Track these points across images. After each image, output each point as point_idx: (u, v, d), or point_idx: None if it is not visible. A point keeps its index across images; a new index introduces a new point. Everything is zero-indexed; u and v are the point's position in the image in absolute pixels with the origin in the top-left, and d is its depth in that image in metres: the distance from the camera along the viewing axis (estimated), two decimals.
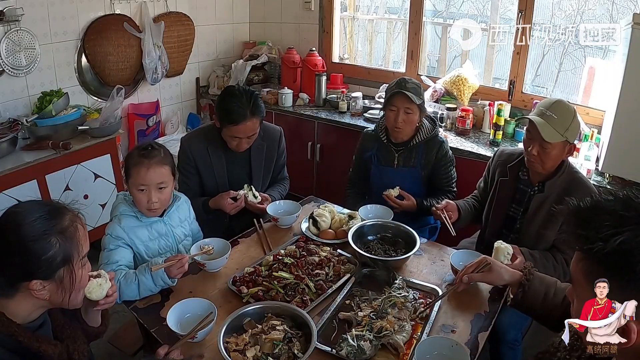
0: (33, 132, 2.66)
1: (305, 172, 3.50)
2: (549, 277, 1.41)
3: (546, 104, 1.78)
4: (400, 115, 2.12)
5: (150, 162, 1.60)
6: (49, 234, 1.04)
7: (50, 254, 1.04)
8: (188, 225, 1.85)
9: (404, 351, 1.31)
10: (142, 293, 1.52)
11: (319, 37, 3.86)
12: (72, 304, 1.14)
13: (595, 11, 3.45)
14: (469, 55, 3.45)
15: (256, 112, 1.99)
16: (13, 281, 1.04)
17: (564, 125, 1.71)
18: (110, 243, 1.60)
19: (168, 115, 3.81)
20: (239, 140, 2.03)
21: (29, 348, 1.05)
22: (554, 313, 1.31)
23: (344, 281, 1.61)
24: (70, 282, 1.08)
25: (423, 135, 2.21)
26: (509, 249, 1.65)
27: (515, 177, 1.93)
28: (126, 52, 3.22)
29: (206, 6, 3.83)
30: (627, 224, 0.83)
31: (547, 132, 1.70)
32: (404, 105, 2.10)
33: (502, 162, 1.99)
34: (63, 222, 1.08)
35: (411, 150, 2.22)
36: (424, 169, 2.23)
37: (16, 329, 1.04)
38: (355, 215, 1.96)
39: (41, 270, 1.04)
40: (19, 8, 2.65)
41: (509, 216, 1.95)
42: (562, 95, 3.48)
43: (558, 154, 1.75)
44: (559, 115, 1.72)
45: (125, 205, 1.67)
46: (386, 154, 2.27)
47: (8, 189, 2.43)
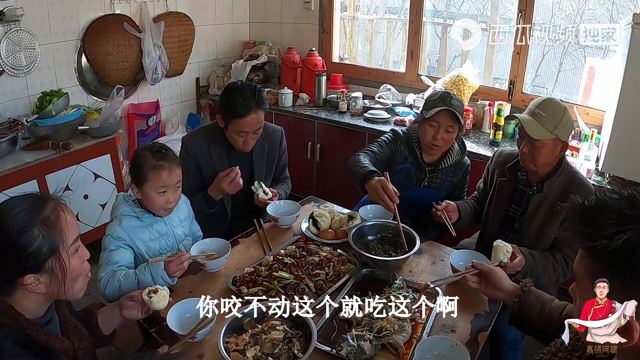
0: (33, 132, 2.66)
1: (305, 172, 3.50)
2: (546, 294, 1.40)
3: (535, 102, 1.78)
4: (440, 132, 1.99)
5: (171, 165, 1.63)
6: (31, 225, 1.02)
7: (35, 246, 1.02)
8: (188, 225, 1.85)
9: (404, 351, 1.31)
10: None
11: (319, 37, 3.86)
12: (69, 295, 1.12)
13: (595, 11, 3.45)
14: (469, 55, 3.46)
15: (261, 105, 1.99)
16: (9, 278, 1.04)
17: (553, 122, 1.71)
18: (111, 244, 1.60)
19: (168, 115, 3.81)
20: (246, 135, 2.00)
21: (36, 342, 1.04)
22: (550, 327, 1.30)
23: (344, 281, 1.61)
24: (61, 271, 1.06)
25: (452, 159, 2.12)
26: (508, 248, 1.65)
27: (514, 177, 1.93)
28: (126, 52, 3.22)
29: (206, 6, 3.83)
30: (631, 223, 0.83)
31: (533, 129, 1.71)
32: (446, 122, 1.98)
33: (500, 162, 1.99)
34: (44, 211, 1.05)
35: (439, 172, 2.14)
36: (446, 191, 2.17)
37: (24, 322, 1.03)
38: (355, 215, 1.96)
39: (30, 264, 1.02)
40: (19, 8, 2.65)
41: (508, 216, 1.95)
42: (562, 95, 3.49)
43: (549, 151, 1.74)
44: (547, 112, 1.72)
45: (126, 206, 1.67)
46: (417, 172, 2.15)
47: (8, 189, 2.42)
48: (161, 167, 1.60)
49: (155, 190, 1.61)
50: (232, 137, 2.04)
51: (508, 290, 1.44)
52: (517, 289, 1.41)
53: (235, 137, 2.02)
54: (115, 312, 1.35)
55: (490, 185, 2.04)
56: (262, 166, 2.20)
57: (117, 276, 1.51)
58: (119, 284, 1.50)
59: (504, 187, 1.94)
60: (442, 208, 1.94)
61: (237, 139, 2.02)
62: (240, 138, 2.01)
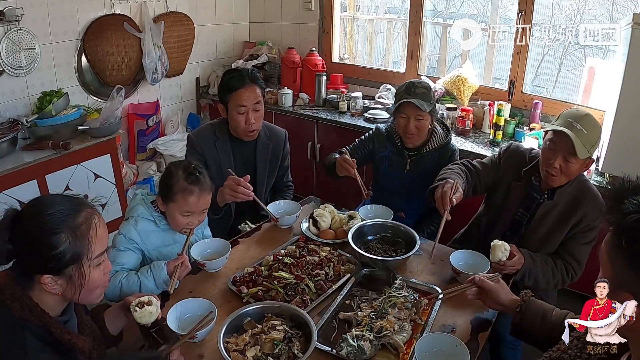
0: (33, 132, 2.66)
1: (305, 172, 3.50)
2: (547, 304, 1.39)
3: (575, 116, 1.68)
4: (411, 122, 2.07)
5: (201, 191, 1.58)
6: (61, 229, 1.03)
7: (60, 250, 1.03)
8: (201, 232, 1.84)
9: (404, 351, 1.31)
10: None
11: (319, 37, 3.87)
12: (84, 301, 1.14)
13: (595, 11, 3.45)
14: (469, 55, 3.45)
15: (255, 80, 2.05)
16: (28, 273, 1.05)
17: (591, 142, 1.64)
18: (122, 244, 1.59)
19: (168, 115, 3.81)
20: (246, 112, 2.02)
21: (59, 340, 1.06)
22: (553, 334, 1.30)
23: (344, 281, 1.61)
24: (79, 280, 1.07)
25: (436, 143, 2.17)
26: (505, 246, 1.64)
27: (527, 182, 1.86)
28: (126, 52, 3.22)
29: (206, 6, 3.83)
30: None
31: (580, 149, 1.62)
32: (414, 112, 2.06)
33: (515, 164, 1.90)
34: (77, 219, 1.06)
35: (423, 157, 2.18)
36: (433, 176, 2.19)
37: (49, 320, 1.05)
38: (355, 215, 1.96)
39: (51, 265, 1.03)
40: (19, 8, 2.65)
41: (515, 220, 1.91)
42: (562, 95, 3.48)
43: (580, 168, 1.70)
44: (589, 130, 1.64)
45: (144, 208, 1.64)
46: (398, 159, 2.22)
47: (8, 189, 2.43)
48: (191, 192, 1.56)
49: (180, 213, 1.58)
50: (234, 119, 2.05)
51: (508, 305, 1.41)
52: (518, 300, 1.39)
53: (237, 118, 2.03)
54: (121, 313, 1.36)
55: (498, 182, 1.95)
56: (265, 164, 2.21)
57: (118, 277, 1.51)
58: (120, 285, 1.50)
59: (516, 191, 1.88)
60: (448, 206, 1.71)
61: (238, 119, 2.03)
62: (242, 117, 2.03)
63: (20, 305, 1.03)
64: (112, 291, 1.49)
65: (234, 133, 2.12)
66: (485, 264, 1.63)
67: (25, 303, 1.03)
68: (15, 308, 1.03)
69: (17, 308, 1.03)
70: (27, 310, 1.03)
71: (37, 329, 1.03)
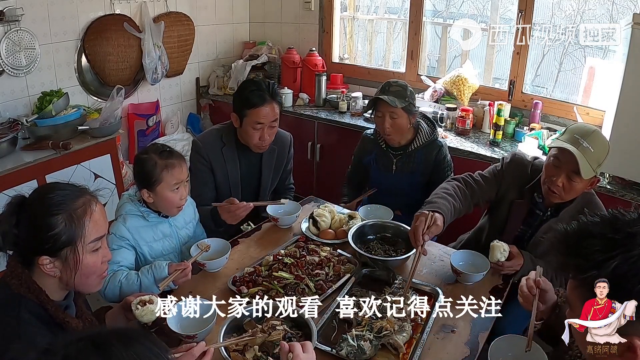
0: (33, 132, 2.66)
1: (305, 172, 3.50)
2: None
3: (582, 132, 1.59)
4: (386, 120, 2.09)
5: (180, 161, 1.67)
6: (59, 211, 1.07)
7: (56, 231, 1.07)
8: (192, 228, 1.85)
9: (404, 351, 1.31)
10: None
11: (319, 37, 3.86)
12: (81, 288, 1.17)
13: (595, 11, 3.44)
14: (469, 55, 3.45)
15: (275, 97, 2.02)
16: (27, 253, 1.09)
17: (598, 160, 1.57)
18: (114, 243, 1.60)
19: (168, 116, 3.81)
20: (262, 128, 1.99)
21: (53, 318, 1.09)
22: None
23: (344, 281, 1.61)
24: (74, 263, 1.10)
25: (422, 140, 2.17)
26: (504, 247, 1.64)
27: (530, 199, 1.80)
28: (126, 52, 3.22)
29: (206, 6, 3.83)
30: (618, 247, 0.81)
31: (585, 168, 1.53)
32: (388, 110, 2.07)
33: (517, 177, 1.82)
34: (75, 203, 1.10)
35: (410, 155, 2.19)
36: (422, 174, 2.20)
37: (45, 297, 1.08)
38: (355, 215, 1.96)
39: (47, 246, 1.07)
40: (19, 8, 2.65)
41: (516, 236, 1.86)
42: (562, 95, 3.48)
43: (584, 187, 1.63)
44: (596, 148, 1.56)
45: (131, 205, 1.66)
46: (384, 159, 2.24)
47: (8, 189, 2.42)
48: (172, 165, 1.64)
49: (170, 189, 1.63)
50: (247, 133, 2.02)
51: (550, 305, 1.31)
52: (555, 300, 1.32)
53: (251, 132, 2.00)
54: (122, 313, 1.36)
55: (500, 198, 1.87)
56: (270, 170, 2.20)
57: (118, 277, 1.51)
58: (119, 285, 1.50)
59: (519, 209, 1.82)
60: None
61: (253, 134, 2.00)
62: (256, 132, 2.00)
63: (19, 282, 1.07)
64: (112, 291, 1.50)
65: (243, 142, 2.09)
66: (486, 264, 1.63)
67: (24, 280, 1.08)
68: (14, 284, 1.07)
69: (16, 284, 1.07)
70: (25, 287, 1.07)
71: (32, 305, 1.07)
